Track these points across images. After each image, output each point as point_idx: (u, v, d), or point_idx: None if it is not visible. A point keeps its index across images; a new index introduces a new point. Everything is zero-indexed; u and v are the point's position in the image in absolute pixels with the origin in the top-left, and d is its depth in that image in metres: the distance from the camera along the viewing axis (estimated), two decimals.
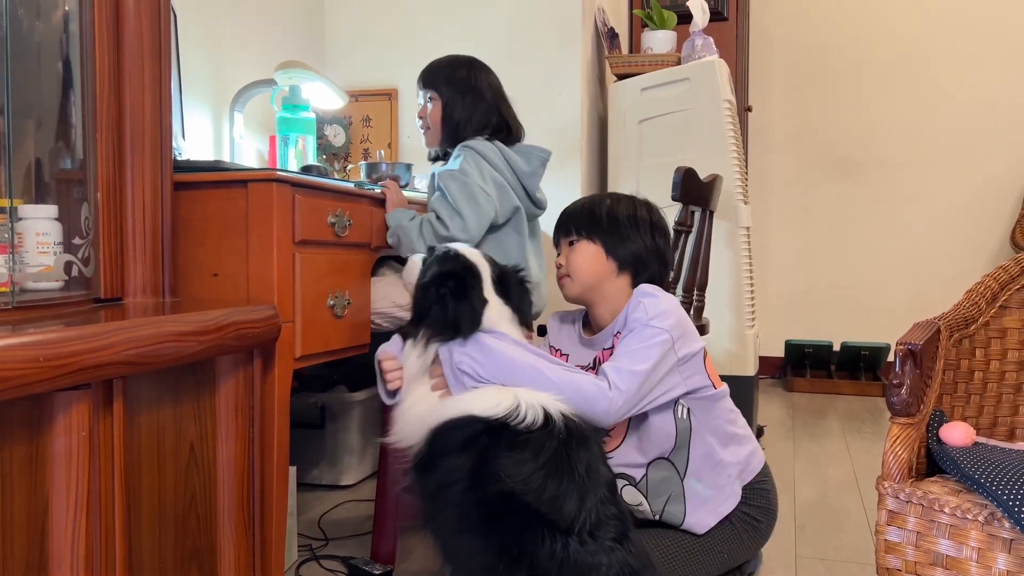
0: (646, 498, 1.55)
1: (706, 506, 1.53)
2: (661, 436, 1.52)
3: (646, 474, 1.55)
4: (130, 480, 1.18)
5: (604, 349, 1.58)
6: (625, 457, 1.56)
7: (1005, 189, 4.16)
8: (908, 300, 4.23)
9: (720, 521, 1.54)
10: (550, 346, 1.70)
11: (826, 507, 2.32)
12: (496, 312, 1.46)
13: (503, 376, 1.38)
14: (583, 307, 1.67)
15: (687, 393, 1.51)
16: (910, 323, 1.54)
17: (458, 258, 1.49)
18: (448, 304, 1.41)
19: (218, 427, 1.38)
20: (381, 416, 2.69)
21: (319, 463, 2.53)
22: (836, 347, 4.22)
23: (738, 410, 1.67)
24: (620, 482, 1.56)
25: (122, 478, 1.15)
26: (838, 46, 4.36)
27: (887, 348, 4.09)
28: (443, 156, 1.98)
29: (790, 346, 4.27)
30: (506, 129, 1.93)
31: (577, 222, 1.60)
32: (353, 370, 2.61)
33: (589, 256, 1.57)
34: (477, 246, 1.68)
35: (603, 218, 1.58)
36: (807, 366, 4.27)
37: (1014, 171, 4.12)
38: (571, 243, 1.59)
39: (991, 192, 4.18)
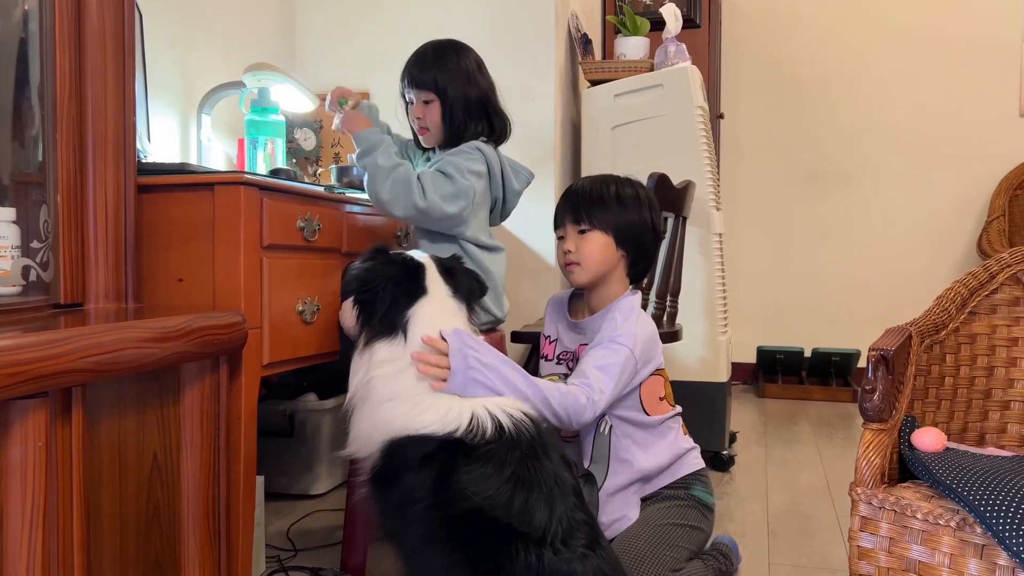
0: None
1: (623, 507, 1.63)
2: (586, 439, 1.63)
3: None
4: (90, 492, 1.14)
5: (585, 344, 1.66)
6: (572, 451, 1.67)
7: (971, 198, 4.22)
8: (878, 306, 4.27)
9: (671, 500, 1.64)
10: (544, 335, 1.74)
11: (798, 513, 2.33)
12: (438, 302, 1.42)
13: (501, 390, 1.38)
14: (571, 289, 1.77)
15: (620, 412, 1.61)
16: (880, 329, 1.56)
17: (379, 257, 1.47)
18: (378, 299, 1.39)
19: (182, 436, 1.35)
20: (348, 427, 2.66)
21: (288, 472, 2.49)
22: (807, 353, 4.25)
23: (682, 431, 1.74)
24: None
25: (81, 490, 1.11)
26: (806, 57, 4.40)
27: (858, 354, 4.13)
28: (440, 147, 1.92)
29: (762, 352, 4.30)
30: (501, 127, 1.88)
31: (588, 210, 1.64)
32: (323, 377, 2.58)
33: (601, 246, 1.64)
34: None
35: (614, 208, 1.64)
36: (779, 372, 4.29)
37: (979, 180, 4.19)
38: (582, 231, 1.64)
39: (957, 201, 4.24)
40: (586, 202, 1.64)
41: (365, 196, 1.91)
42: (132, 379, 1.23)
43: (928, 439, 1.46)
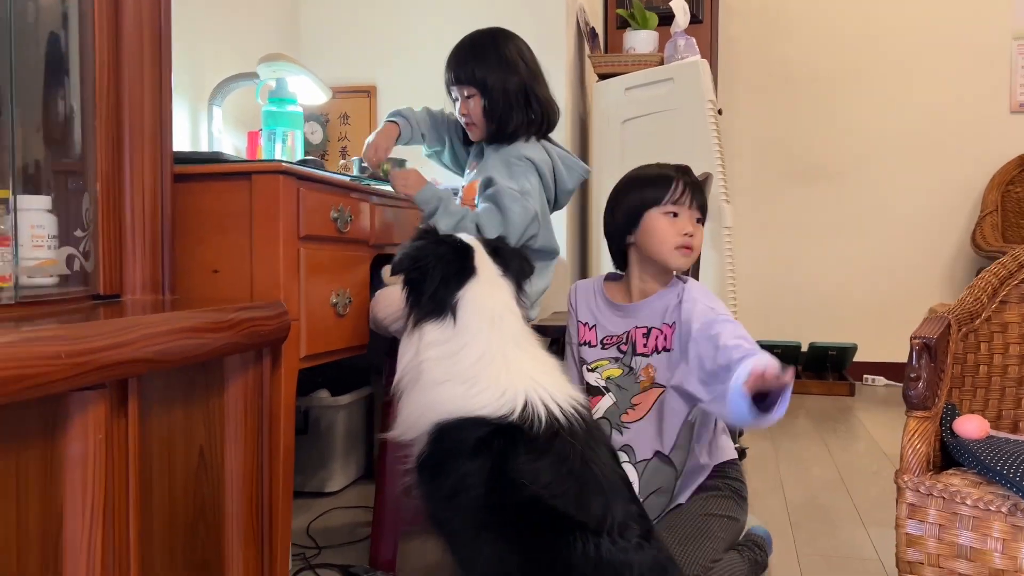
0: (639, 479, 1.61)
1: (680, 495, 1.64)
2: (671, 425, 1.60)
3: (648, 460, 1.63)
4: (142, 487, 1.11)
5: (641, 327, 1.64)
6: (638, 435, 1.63)
7: (963, 193, 4.27)
8: (873, 301, 4.31)
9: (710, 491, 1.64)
10: (578, 321, 1.71)
11: (817, 505, 2.34)
12: (487, 283, 1.39)
13: None
14: (600, 276, 1.77)
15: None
16: (876, 323, 1.59)
17: (429, 236, 1.44)
18: (428, 278, 1.35)
19: (227, 431, 1.32)
20: (368, 418, 2.63)
21: (302, 470, 2.45)
22: (804, 347, 4.28)
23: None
24: (621, 455, 1.62)
25: (137, 485, 1.08)
26: (801, 56, 4.44)
27: (854, 348, 4.16)
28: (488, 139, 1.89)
29: (760, 346, 4.31)
30: (542, 115, 1.85)
31: (703, 203, 1.65)
32: (336, 373, 2.54)
33: (703, 239, 1.66)
34: None
35: (707, 202, 1.68)
36: None
37: (971, 176, 4.24)
38: (699, 220, 1.64)
39: (950, 197, 4.30)
40: (700, 193, 1.63)
41: (390, 188, 1.89)
42: (179, 372, 1.20)
43: (971, 426, 1.47)
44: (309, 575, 1.83)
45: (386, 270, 1.70)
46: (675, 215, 1.60)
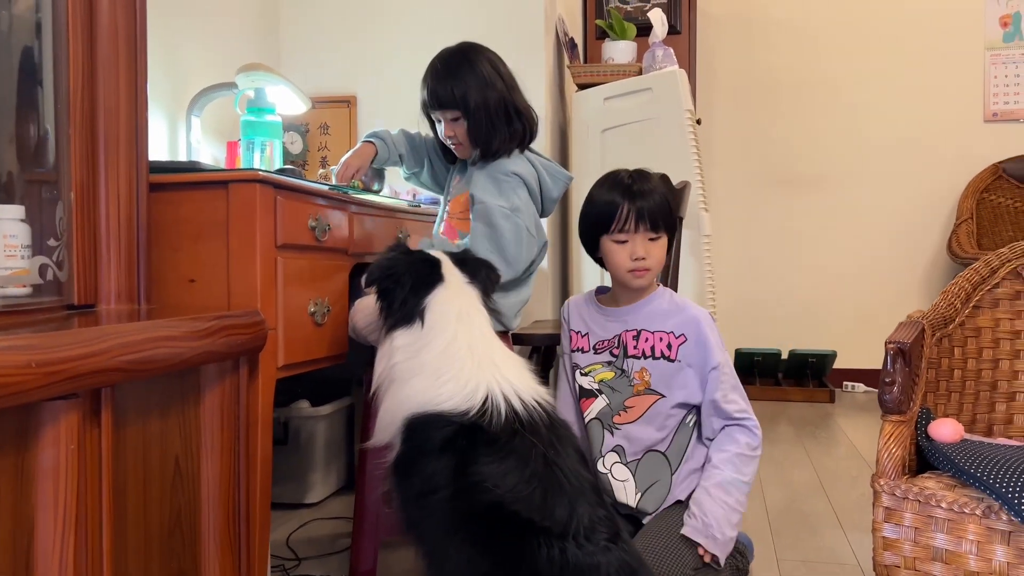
0: (633, 476, 1.64)
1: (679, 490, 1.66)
2: (666, 428, 1.64)
3: (639, 459, 1.65)
4: (116, 498, 1.10)
5: (631, 330, 1.67)
6: (629, 436, 1.65)
7: (938, 202, 4.33)
8: (852, 308, 4.35)
9: None
10: (571, 330, 1.73)
11: (797, 510, 2.35)
12: (455, 288, 1.43)
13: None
14: (592, 289, 1.80)
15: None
16: (855, 330, 1.61)
17: (399, 248, 1.50)
18: (399, 287, 1.40)
19: (203, 440, 1.31)
20: (348, 428, 2.62)
21: (282, 481, 2.44)
22: (784, 355, 4.30)
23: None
24: (613, 456, 1.61)
25: (110, 495, 1.07)
26: (779, 65, 4.49)
27: (833, 355, 4.19)
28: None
29: (740, 354, 4.34)
30: (524, 128, 1.84)
31: (658, 216, 1.62)
32: (315, 384, 2.53)
33: (664, 249, 1.66)
34: None
35: (671, 210, 1.66)
36: (756, 374, 4.34)
37: (946, 185, 4.29)
38: (652, 239, 1.62)
39: (926, 205, 4.35)
40: (653, 207, 1.60)
41: (369, 197, 1.89)
42: (155, 381, 1.19)
43: (946, 430, 1.48)
44: None
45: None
46: (624, 242, 1.62)
